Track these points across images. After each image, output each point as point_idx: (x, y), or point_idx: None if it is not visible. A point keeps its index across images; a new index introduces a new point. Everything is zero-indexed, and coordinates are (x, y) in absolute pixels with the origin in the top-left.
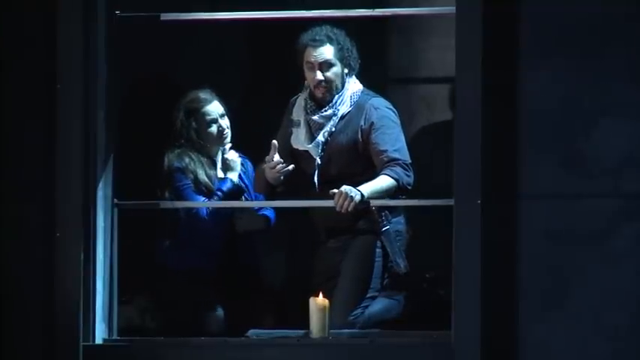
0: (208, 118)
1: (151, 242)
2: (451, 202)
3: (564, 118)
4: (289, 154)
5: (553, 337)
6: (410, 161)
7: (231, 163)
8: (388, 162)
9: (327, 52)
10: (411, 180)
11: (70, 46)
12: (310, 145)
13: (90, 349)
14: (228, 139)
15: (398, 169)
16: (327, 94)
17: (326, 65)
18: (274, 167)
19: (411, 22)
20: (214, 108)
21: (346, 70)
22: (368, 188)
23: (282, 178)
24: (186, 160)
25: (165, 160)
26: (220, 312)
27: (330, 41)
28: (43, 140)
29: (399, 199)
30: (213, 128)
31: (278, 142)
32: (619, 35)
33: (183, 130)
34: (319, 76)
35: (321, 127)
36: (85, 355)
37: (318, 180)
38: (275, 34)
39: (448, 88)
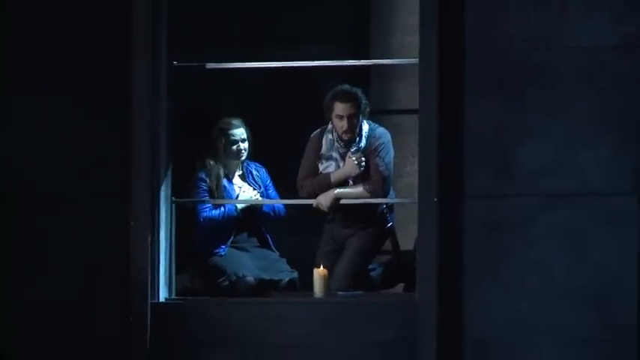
0: (232, 138)
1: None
2: (415, 200)
3: (496, 139)
4: (315, 174)
5: (488, 298)
6: (387, 175)
7: (243, 193)
8: (373, 175)
9: (352, 107)
10: (386, 191)
11: (142, 86)
12: None
13: (156, 305)
14: (244, 157)
15: (372, 183)
16: (351, 136)
17: (351, 117)
18: (356, 158)
19: (387, 69)
20: (239, 132)
21: (362, 117)
22: (344, 190)
23: (361, 168)
24: (209, 165)
25: (197, 164)
26: (250, 280)
27: (353, 98)
28: (122, 154)
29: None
30: (234, 147)
31: (305, 165)
32: (537, 79)
33: (214, 142)
34: (346, 126)
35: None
36: (152, 309)
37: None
38: (288, 76)
39: (414, 117)
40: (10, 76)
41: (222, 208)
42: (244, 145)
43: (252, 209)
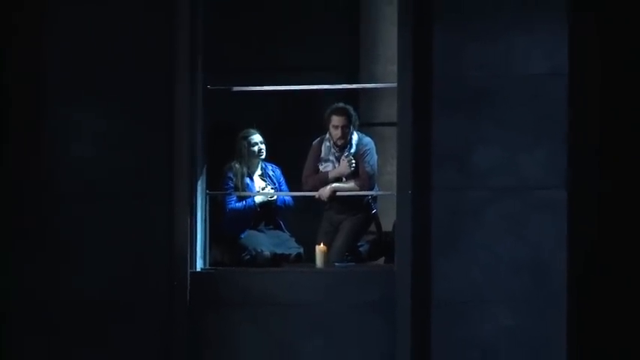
0: (252, 141)
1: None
2: (394, 192)
3: (457, 145)
4: (316, 173)
5: (450, 268)
6: (372, 173)
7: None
8: (362, 174)
9: (344, 119)
10: (371, 186)
11: (183, 105)
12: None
13: (194, 274)
14: (263, 156)
15: (360, 180)
16: (343, 142)
17: (344, 127)
18: (348, 160)
19: (372, 91)
20: (257, 137)
21: (353, 129)
22: (339, 185)
23: (352, 168)
24: (235, 168)
25: (225, 167)
26: (266, 254)
27: (346, 113)
28: (167, 158)
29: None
30: (255, 148)
31: (308, 166)
32: (489, 98)
33: (238, 147)
34: (339, 134)
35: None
36: (191, 276)
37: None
38: (296, 96)
39: (393, 129)
40: (75, 95)
41: (244, 202)
42: (262, 146)
43: (268, 204)
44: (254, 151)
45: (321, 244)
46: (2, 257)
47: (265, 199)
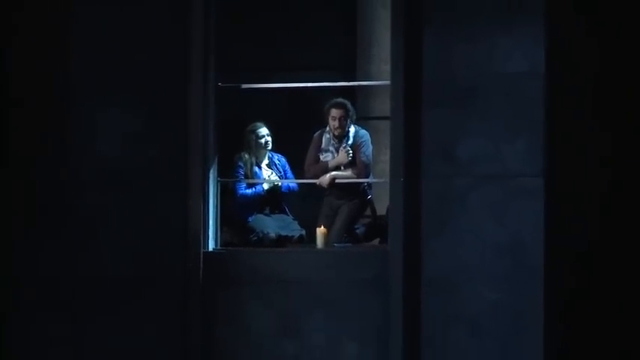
0: (260, 134)
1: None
2: (387, 180)
3: (444, 137)
4: (317, 162)
5: (438, 249)
6: (368, 162)
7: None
8: (358, 163)
9: (342, 112)
10: (367, 174)
11: (196, 101)
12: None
13: (206, 253)
14: (269, 147)
15: (357, 168)
16: (341, 132)
17: (342, 119)
18: (346, 151)
19: (368, 88)
20: (264, 130)
21: (350, 121)
22: (338, 173)
23: (349, 157)
24: (244, 158)
25: (236, 157)
26: (272, 236)
27: (344, 106)
28: (183, 150)
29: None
30: (262, 140)
31: (310, 155)
32: (474, 95)
33: (247, 139)
34: (338, 125)
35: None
36: (204, 256)
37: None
38: (299, 93)
39: (386, 122)
40: (103, 97)
41: (253, 189)
42: (269, 138)
43: (275, 189)
44: (261, 143)
45: (322, 227)
46: (20, 241)
47: (272, 186)
